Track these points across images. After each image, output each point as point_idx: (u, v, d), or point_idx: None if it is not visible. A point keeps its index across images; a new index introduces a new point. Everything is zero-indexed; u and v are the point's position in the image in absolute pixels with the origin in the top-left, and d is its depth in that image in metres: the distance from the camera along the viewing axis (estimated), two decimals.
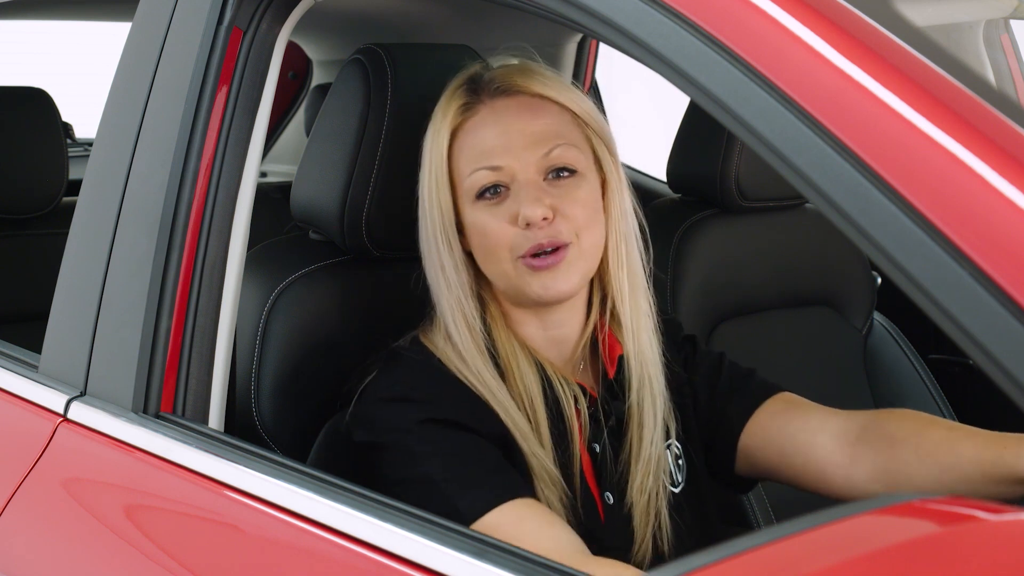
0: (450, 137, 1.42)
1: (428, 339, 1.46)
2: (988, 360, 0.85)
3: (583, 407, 1.44)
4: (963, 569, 0.78)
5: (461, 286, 1.43)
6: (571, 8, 1.10)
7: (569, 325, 1.47)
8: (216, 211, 1.41)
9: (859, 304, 2.34)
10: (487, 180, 1.40)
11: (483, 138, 1.41)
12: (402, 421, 1.37)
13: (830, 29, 0.97)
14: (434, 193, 1.43)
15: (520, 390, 1.41)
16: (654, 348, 1.49)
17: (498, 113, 1.41)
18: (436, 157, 1.42)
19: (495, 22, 2.67)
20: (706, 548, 0.87)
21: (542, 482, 1.39)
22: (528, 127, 1.40)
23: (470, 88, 1.43)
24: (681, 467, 1.51)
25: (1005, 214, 0.86)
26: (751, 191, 2.16)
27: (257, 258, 1.63)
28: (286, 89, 3.56)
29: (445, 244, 1.42)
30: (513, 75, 1.43)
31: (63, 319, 1.49)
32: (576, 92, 1.45)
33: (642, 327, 1.48)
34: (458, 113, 1.42)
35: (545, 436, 1.41)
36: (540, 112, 1.41)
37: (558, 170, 1.40)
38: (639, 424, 1.45)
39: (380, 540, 1.12)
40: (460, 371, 1.41)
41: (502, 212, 1.39)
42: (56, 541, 1.38)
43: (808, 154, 0.93)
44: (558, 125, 1.42)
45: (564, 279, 1.39)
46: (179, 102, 1.42)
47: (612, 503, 1.44)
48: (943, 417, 2.27)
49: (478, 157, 1.40)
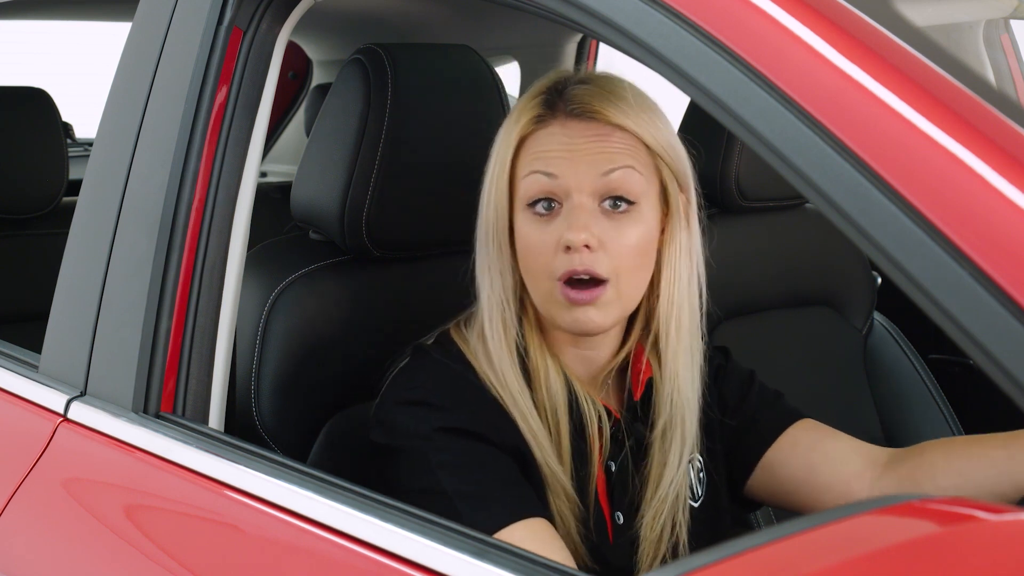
0: (517, 143, 1.40)
1: (460, 334, 1.44)
2: (988, 360, 0.85)
3: (606, 428, 1.43)
4: (963, 569, 0.78)
5: (505, 288, 1.41)
6: (571, 8, 1.10)
7: (602, 348, 1.45)
8: (216, 211, 1.41)
9: (859, 304, 2.34)
10: (541, 187, 1.37)
11: (546, 146, 1.38)
12: (420, 427, 1.36)
13: (830, 29, 0.97)
14: (492, 194, 1.41)
15: (544, 401, 1.40)
16: (695, 389, 1.46)
17: (568, 131, 1.38)
18: (500, 159, 1.40)
19: (495, 22, 2.68)
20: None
21: (554, 494, 1.38)
22: (595, 148, 1.36)
23: (548, 101, 1.40)
24: (702, 480, 1.50)
25: (1005, 214, 0.86)
26: (751, 191, 2.16)
27: (257, 258, 1.63)
28: (286, 89, 3.56)
29: (495, 245, 1.41)
30: (592, 99, 1.38)
31: (63, 319, 1.49)
32: (655, 123, 1.40)
33: (682, 367, 1.44)
34: (530, 123, 1.40)
35: (565, 450, 1.39)
36: (610, 138, 1.37)
37: (616, 199, 1.36)
38: (661, 463, 1.43)
39: (380, 540, 1.12)
40: (485, 373, 1.40)
41: (549, 231, 1.36)
42: (56, 541, 1.38)
43: (808, 154, 0.93)
44: (626, 151, 1.37)
45: (597, 318, 1.36)
46: (179, 102, 1.41)
47: (622, 523, 1.43)
48: (943, 417, 2.28)
49: (536, 161, 1.38)
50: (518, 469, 1.37)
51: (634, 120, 1.38)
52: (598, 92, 1.39)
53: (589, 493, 1.41)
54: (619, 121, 1.37)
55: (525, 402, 1.39)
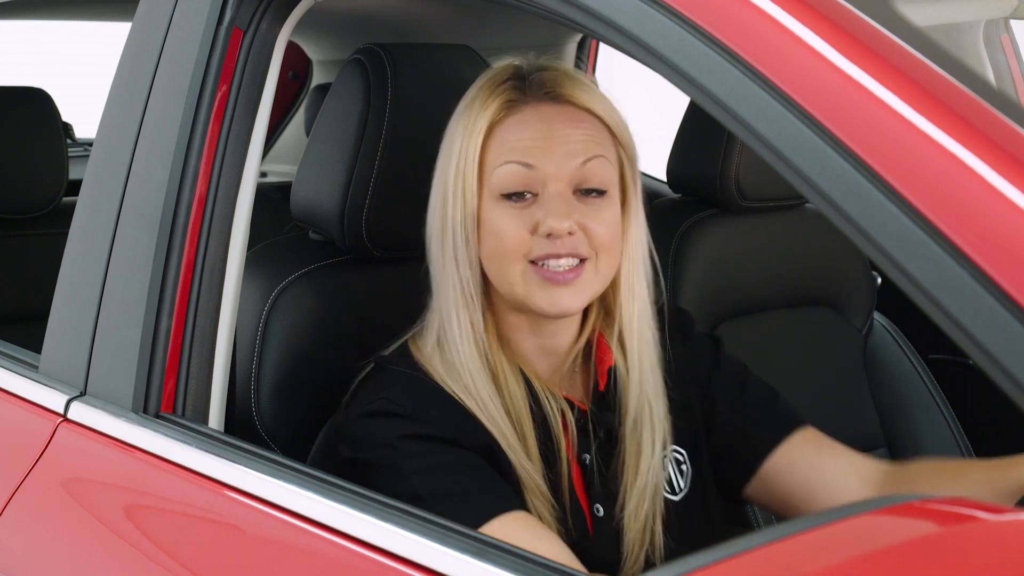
0: (486, 131, 1.38)
1: (416, 345, 1.43)
2: (988, 360, 0.85)
3: (571, 421, 1.42)
4: (963, 569, 0.78)
5: (472, 282, 1.39)
6: (571, 8, 1.10)
7: (562, 336, 1.44)
8: (216, 211, 1.41)
9: (859, 304, 2.34)
10: (517, 178, 1.36)
11: (522, 136, 1.37)
12: (386, 436, 1.35)
13: (830, 29, 0.97)
14: (459, 184, 1.37)
15: (507, 402, 1.39)
16: (656, 375, 1.46)
17: (542, 117, 1.37)
18: (469, 147, 1.37)
19: (495, 22, 2.67)
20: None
21: (531, 493, 1.37)
22: (570, 136, 1.37)
23: (517, 86, 1.39)
24: (684, 472, 1.49)
25: (1005, 214, 0.86)
26: (751, 191, 2.16)
27: (257, 258, 1.64)
28: (286, 89, 3.56)
29: (462, 237, 1.38)
30: (564, 82, 1.39)
31: (63, 319, 1.49)
32: (614, 106, 1.42)
33: (645, 356, 1.45)
34: (501, 108, 1.38)
35: (533, 450, 1.38)
36: (583, 123, 1.38)
37: (588, 189, 1.37)
38: (637, 453, 1.43)
39: (380, 540, 1.12)
40: (444, 382, 1.38)
41: (523, 217, 1.35)
42: (56, 541, 1.38)
43: (808, 154, 0.93)
44: (597, 138, 1.38)
45: (574, 297, 1.36)
46: (179, 102, 1.41)
47: (602, 515, 1.43)
48: (943, 417, 2.28)
49: (512, 151, 1.36)
50: (491, 468, 1.36)
51: (600, 105, 1.40)
52: (565, 76, 1.40)
53: (564, 490, 1.40)
54: (589, 105, 1.39)
55: (493, 404, 1.38)
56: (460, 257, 1.39)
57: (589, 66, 2.91)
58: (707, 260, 2.16)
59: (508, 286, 1.38)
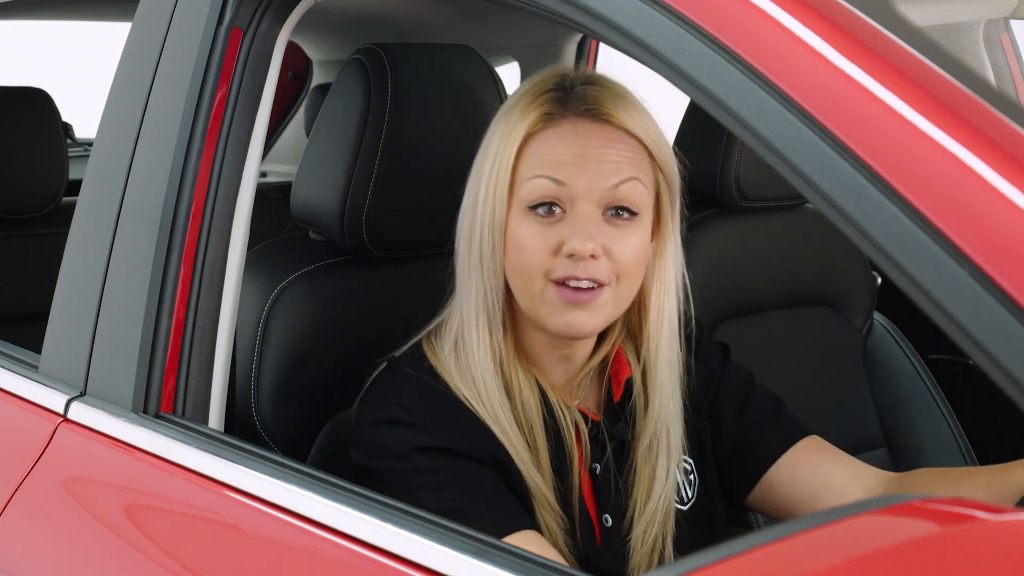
0: (522, 140, 1.36)
1: (431, 347, 1.42)
2: (988, 360, 0.85)
3: (584, 432, 1.41)
4: (963, 569, 0.78)
5: (496, 291, 1.37)
6: (571, 8, 1.10)
7: (581, 348, 1.43)
8: (216, 211, 1.41)
9: (859, 304, 2.34)
10: (546, 192, 1.34)
11: (557, 150, 1.35)
12: (396, 448, 1.34)
13: (830, 29, 0.97)
14: (491, 191, 1.36)
15: (520, 414, 1.38)
16: (677, 402, 1.44)
17: (579, 133, 1.35)
18: (504, 155, 1.36)
19: (495, 22, 2.68)
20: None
21: (540, 504, 1.36)
22: (605, 155, 1.34)
23: (558, 98, 1.37)
24: (692, 482, 1.49)
25: (1005, 214, 0.86)
26: (751, 191, 2.16)
27: (257, 258, 1.64)
28: (286, 89, 3.56)
29: (489, 244, 1.36)
30: (606, 100, 1.36)
31: (63, 319, 1.49)
32: (658, 131, 1.39)
33: (667, 381, 1.44)
34: (539, 119, 1.36)
35: (544, 461, 1.38)
36: (619, 144, 1.35)
37: (619, 209, 1.34)
38: (650, 478, 1.42)
39: (380, 540, 1.12)
40: (457, 388, 1.38)
41: (549, 234, 1.33)
42: (56, 541, 1.38)
43: (808, 154, 0.93)
44: (634, 159, 1.36)
45: (590, 320, 1.34)
46: (179, 102, 1.41)
47: (610, 525, 1.42)
48: (943, 417, 2.28)
49: (544, 165, 1.34)
50: (501, 481, 1.35)
51: (641, 126, 1.37)
52: (609, 94, 1.38)
53: (574, 502, 1.39)
54: (628, 126, 1.36)
55: (505, 415, 1.37)
56: (486, 265, 1.37)
57: (589, 66, 2.91)
58: (707, 260, 2.16)
59: (527, 300, 1.36)
